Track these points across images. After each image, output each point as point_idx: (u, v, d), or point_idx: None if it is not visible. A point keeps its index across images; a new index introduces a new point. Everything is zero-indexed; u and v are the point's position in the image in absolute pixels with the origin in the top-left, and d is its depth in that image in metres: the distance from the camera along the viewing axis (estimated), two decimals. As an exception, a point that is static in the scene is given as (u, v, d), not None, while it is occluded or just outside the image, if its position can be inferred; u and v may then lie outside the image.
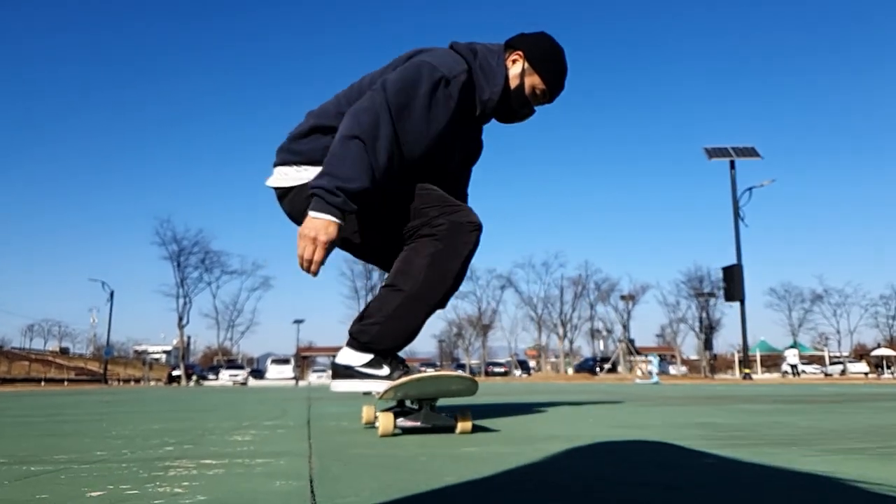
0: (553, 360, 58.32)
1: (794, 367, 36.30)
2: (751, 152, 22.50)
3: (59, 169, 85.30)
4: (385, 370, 1.89)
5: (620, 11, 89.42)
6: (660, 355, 57.98)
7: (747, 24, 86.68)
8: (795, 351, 38.27)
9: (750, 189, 21.74)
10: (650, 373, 17.83)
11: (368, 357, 1.89)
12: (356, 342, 1.91)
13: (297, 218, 2.00)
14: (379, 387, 1.86)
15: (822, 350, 53.12)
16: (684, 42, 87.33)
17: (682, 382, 16.96)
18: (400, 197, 1.92)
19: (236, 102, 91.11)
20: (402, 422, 1.93)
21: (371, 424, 2.17)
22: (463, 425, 1.92)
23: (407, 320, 1.88)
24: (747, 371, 20.28)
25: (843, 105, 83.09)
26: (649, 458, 1.36)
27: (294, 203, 2.01)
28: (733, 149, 22.42)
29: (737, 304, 21.18)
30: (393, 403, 2.11)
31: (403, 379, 1.81)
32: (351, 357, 1.91)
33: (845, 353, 54.26)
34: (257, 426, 2.37)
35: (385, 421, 1.83)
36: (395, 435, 1.86)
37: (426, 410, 1.95)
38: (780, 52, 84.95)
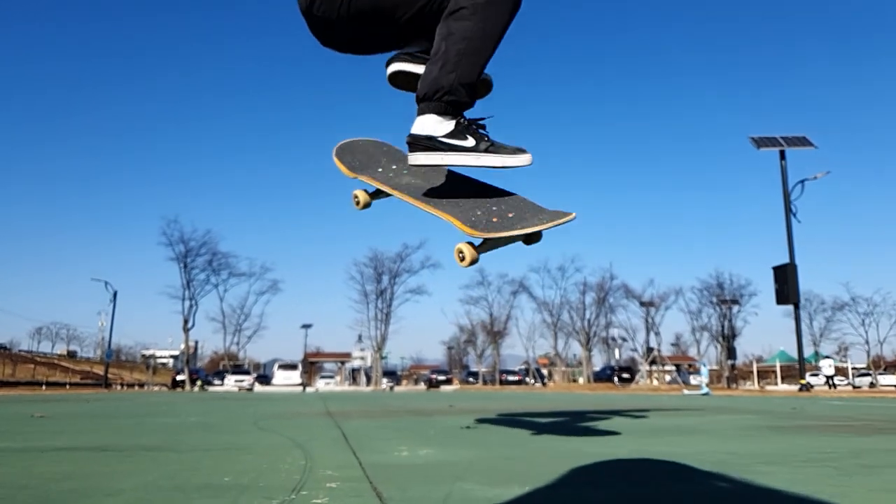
0: (565, 368, 56.04)
1: (829, 378, 33.99)
2: (802, 142, 20.39)
3: (67, 170, 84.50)
4: (470, 141, 1.72)
5: (633, 10, 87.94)
6: (677, 365, 55.72)
7: (759, 26, 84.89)
8: (831, 361, 35.83)
9: (802, 181, 19.64)
10: (699, 384, 16.08)
11: (451, 125, 1.70)
12: (433, 103, 1.67)
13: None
14: (466, 160, 1.73)
15: (844, 361, 50.62)
16: (702, 43, 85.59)
17: (738, 395, 15.20)
18: None
19: (246, 102, 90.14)
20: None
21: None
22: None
23: (484, 41, 1.64)
24: (803, 382, 18.27)
25: (869, 100, 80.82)
26: None
27: None
28: (783, 138, 20.36)
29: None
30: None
31: (494, 235, 1.70)
32: (430, 125, 1.68)
33: (862, 365, 51.63)
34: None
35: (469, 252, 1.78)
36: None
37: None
38: (791, 55, 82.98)
